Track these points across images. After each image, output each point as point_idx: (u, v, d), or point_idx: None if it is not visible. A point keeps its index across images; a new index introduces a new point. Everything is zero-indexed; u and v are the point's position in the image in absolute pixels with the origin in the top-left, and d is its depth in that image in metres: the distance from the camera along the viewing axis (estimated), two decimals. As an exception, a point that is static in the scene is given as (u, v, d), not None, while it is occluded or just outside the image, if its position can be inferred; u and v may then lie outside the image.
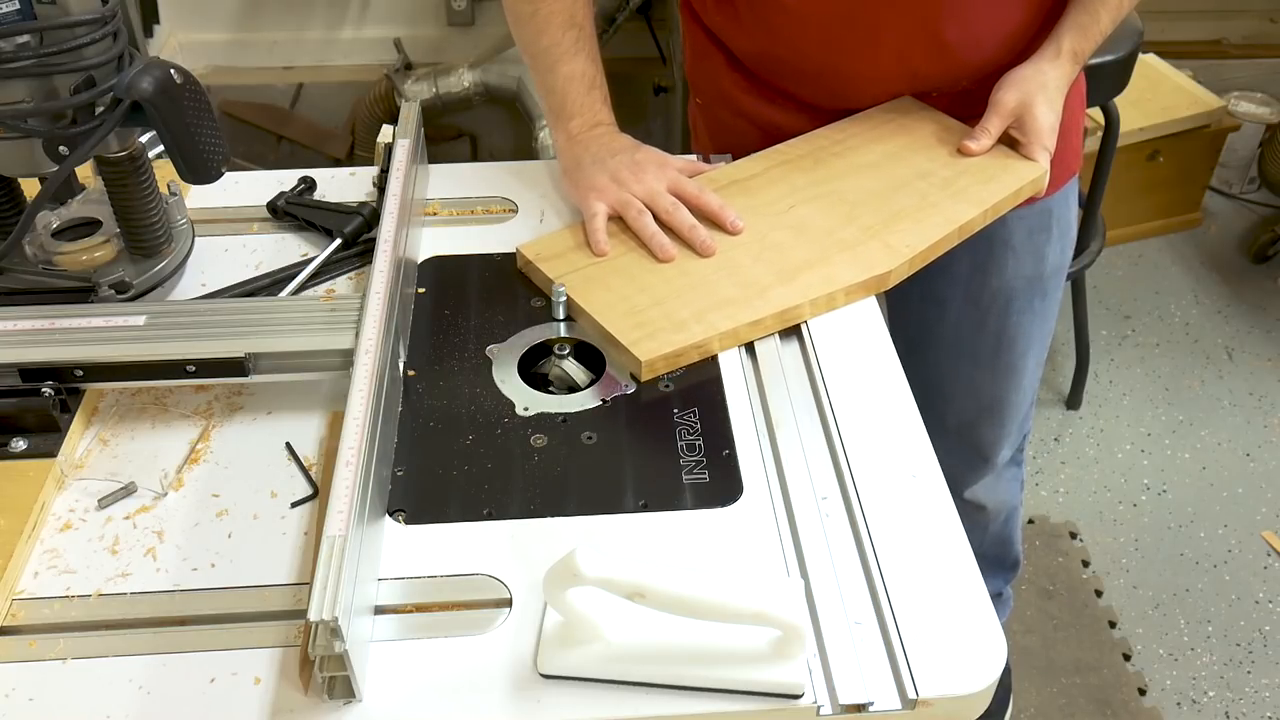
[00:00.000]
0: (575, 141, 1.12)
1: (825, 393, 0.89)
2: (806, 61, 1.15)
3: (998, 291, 1.28)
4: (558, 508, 0.81)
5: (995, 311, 1.30)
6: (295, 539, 0.79)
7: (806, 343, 0.94)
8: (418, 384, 0.91)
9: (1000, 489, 1.53)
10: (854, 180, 1.09)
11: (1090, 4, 1.10)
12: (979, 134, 1.10)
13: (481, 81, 2.45)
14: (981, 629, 0.71)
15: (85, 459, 0.86)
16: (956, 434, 1.42)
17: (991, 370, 1.36)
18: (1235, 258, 2.74)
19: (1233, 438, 2.26)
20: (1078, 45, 1.10)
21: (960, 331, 1.33)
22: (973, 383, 1.38)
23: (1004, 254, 1.25)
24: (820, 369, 0.91)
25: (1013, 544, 1.64)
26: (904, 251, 1.00)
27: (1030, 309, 1.31)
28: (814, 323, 0.96)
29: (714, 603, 0.65)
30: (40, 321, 0.89)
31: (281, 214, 1.12)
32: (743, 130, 1.24)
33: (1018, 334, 1.32)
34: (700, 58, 1.27)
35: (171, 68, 0.88)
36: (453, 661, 0.70)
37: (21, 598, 0.75)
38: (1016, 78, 1.09)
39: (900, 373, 0.92)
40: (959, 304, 1.30)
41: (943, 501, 0.80)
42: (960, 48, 1.11)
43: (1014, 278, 1.27)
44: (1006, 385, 1.38)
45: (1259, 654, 1.85)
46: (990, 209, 1.06)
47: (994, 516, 1.56)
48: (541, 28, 1.12)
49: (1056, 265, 1.30)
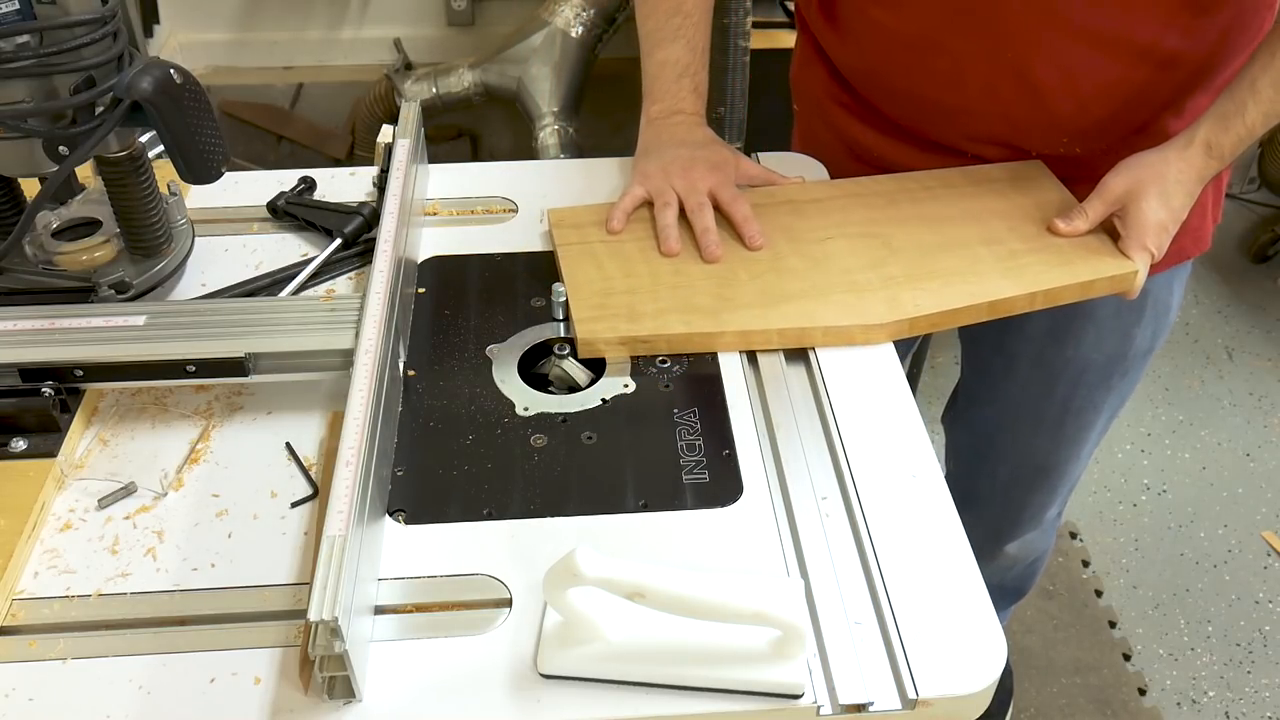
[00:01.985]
0: (651, 125, 1.12)
1: (825, 393, 0.89)
2: (897, 82, 1.10)
3: (1071, 361, 1.21)
4: (558, 508, 0.81)
5: (1066, 380, 1.24)
6: (295, 539, 0.79)
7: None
8: (418, 384, 0.91)
9: (1038, 540, 1.49)
10: (911, 229, 1.03)
11: (1238, 93, 0.97)
12: (1074, 215, 1.01)
13: (481, 81, 2.45)
14: (981, 629, 0.71)
15: (85, 459, 0.86)
16: (1005, 490, 1.38)
17: (1051, 437, 1.30)
18: (1235, 258, 2.74)
19: (1233, 438, 2.26)
20: (1214, 137, 0.97)
21: (1026, 393, 1.27)
22: (1030, 446, 1.33)
23: (1084, 326, 1.18)
24: (820, 369, 0.91)
25: (1032, 580, 1.60)
26: (907, 310, 0.95)
27: (1105, 385, 1.24)
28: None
29: (714, 603, 0.65)
30: (40, 321, 0.89)
31: (281, 214, 1.11)
32: (831, 145, 1.21)
33: (1086, 406, 1.26)
34: (804, 65, 1.25)
35: (171, 68, 0.88)
36: (453, 661, 0.70)
37: (21, 598, 0.75)
38: (1133, 163, 1.00)
39: (901, 373, 0.92)
40: (1028, 365, 1.25)
41: (943, 501, 0.80)
42: (1053, 94, 1.03)
43: (1092, 351, 1.20)
44: (1065, 454, 1.32)
45: (1259, 654, 1.85)
46: (1042, 294, 0.98)
47: (1021, 562, 1.52)
48: (649, 11, 1.12)
49: (1145, 348, 1.22)
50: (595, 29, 2.38)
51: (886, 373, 0.92)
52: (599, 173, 1.18)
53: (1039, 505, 1.41)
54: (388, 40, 2.63)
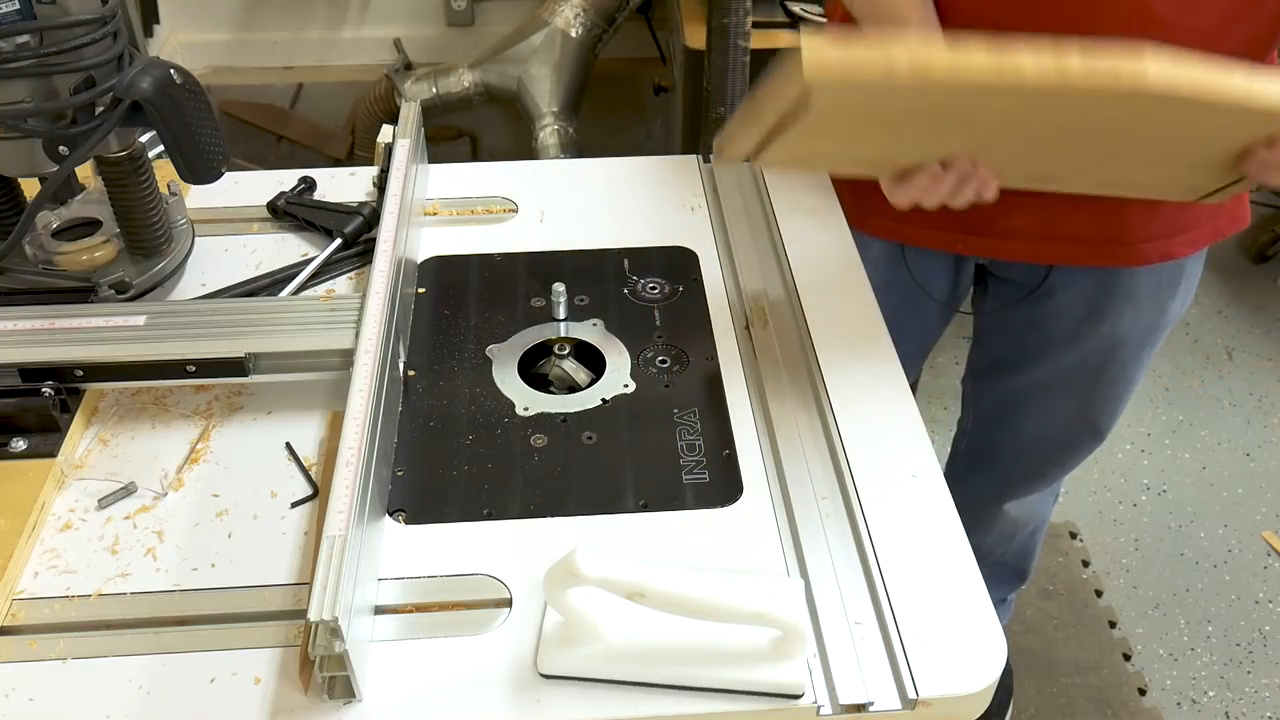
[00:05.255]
0: None
1: (825, 393, 0.89)
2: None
3: (1108, 337, 1.23)
4: (558, 508, 0.81)
5: (1101, 354, 1.25)
6: (295, 539, 0.79)
7: (806, 342, 0.94)
8: (418, 384, 0.91)
9: (1037, 503, 1.52)
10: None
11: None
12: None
13: (481, 81, 2.45)
14: (981, 629, 0.71)
15: (85, 459, 0.86)
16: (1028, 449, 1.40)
17: (1083, 405, 1.32)
18: (1235, 258, 2.74)
19: (1233, 438, 2.26)
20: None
21: (1059, 365, 1.28)
22: (1060, 412, 1.34)
23: (1124, 305, 1.19)
24: (820, 369, 0.91)
25: (1032, 556, 1.63)
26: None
27: (1138, 357, 1.26)
28: (814, 322, 0.96)
29: (714, 603, 0.65)
30: (40, 321, 0.89)
31: (281, 214, 1.12)
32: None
33: (1119, 376, 1.28)
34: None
35: (171, 68, 0.88)
36: (453, 661, 0.70)
37: (21, 598, 0.75)
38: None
39: (901, 373, 0.92)
40: (1063, 342, 1.25)
41: (943, 501, 0.80)
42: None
43: (1130, 328, 1.22)
44: (1095, 422, 1.34)
45: (1259, 654, 1.85)
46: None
47: (1023, 527, 1.55)
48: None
49: (1174, 316, 1.24)
50: (595, 29, 2.38)
51: (886, 373, 0.92)
52: (599, 173, 1.18)
53: (1054, 468, 1.43)
54: (388, 40, 2.63)
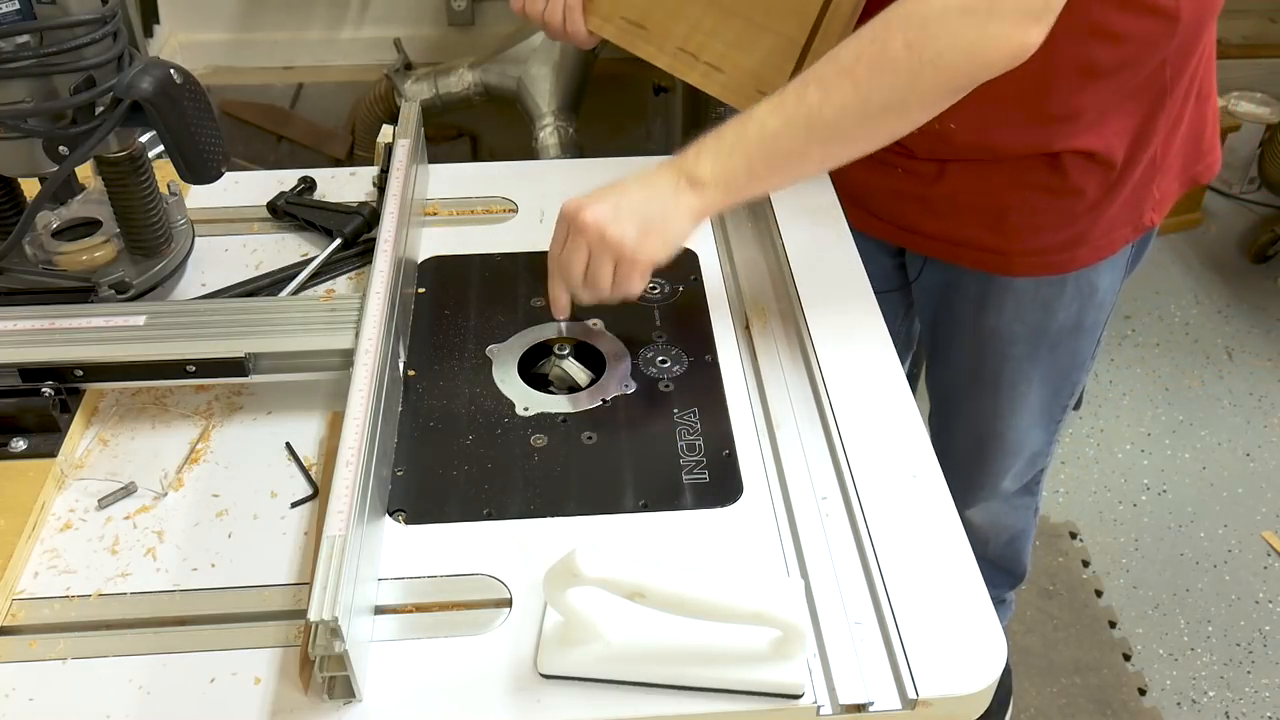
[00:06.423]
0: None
1: (825, 393, 0.89)
2: None
3: (996, 331, 1.23)
4: (558, 508, 0.81)
5: (994, 350, 1.26)
6: (295, 539, 0.79)
7: (806, 342, 0.94)
8: (418, 384, 0.91)
9: (1005, 515, 1.50)
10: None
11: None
12: None
13: (481, 81, 2.45)
14: (981, 629, 0.71)
15: (85, 459, 0.86)
16: (962, 455, 1.40)
17: (989, 405, 1.32)
18: (1235, 258, 2.74)
19: (1233, 438, 2.26)
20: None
21: (965, 357, 1.30)
22: (974, 411, 1.35)
23: (1004, 295, 1.20)
24: (820, 369, 0.91)
25: (1018, 560, 1.62)
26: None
27: (1033, 357, 1.25)
28: (814, 321, 0.96)
29: (714, 603, 0.65)
30: (40, 321, 0.89)
31: (281, 214, 1.12)
32: None
33: (1017, 378, 1.27)
34: None
35: (171, 68, 0.88)
36: (453, 661, 0.70)
37: (21, 598, 0.75)
38: None
39: (900, 373, 0.92)
40: (965, 330, 1.27)
41: (943, 501, 0.80)
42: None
43: (1014, 322, 1.22)
44: (1004, 424, 1.34)
45: (1259, 654, 1.85)
46: None
47: (994, 537, 1.54)
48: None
49: (1071, 324, 1.22)
50: (595, 29, 2.37)
51: (886, 373, 0.92)
52: (599, 173, 1.18)
53: (992, 473, 1.42)
54: (388, 40, 2.63)
